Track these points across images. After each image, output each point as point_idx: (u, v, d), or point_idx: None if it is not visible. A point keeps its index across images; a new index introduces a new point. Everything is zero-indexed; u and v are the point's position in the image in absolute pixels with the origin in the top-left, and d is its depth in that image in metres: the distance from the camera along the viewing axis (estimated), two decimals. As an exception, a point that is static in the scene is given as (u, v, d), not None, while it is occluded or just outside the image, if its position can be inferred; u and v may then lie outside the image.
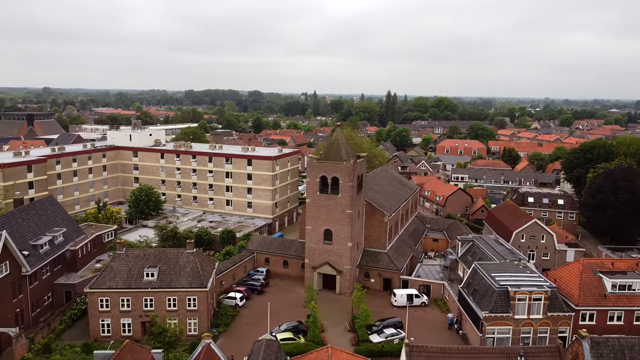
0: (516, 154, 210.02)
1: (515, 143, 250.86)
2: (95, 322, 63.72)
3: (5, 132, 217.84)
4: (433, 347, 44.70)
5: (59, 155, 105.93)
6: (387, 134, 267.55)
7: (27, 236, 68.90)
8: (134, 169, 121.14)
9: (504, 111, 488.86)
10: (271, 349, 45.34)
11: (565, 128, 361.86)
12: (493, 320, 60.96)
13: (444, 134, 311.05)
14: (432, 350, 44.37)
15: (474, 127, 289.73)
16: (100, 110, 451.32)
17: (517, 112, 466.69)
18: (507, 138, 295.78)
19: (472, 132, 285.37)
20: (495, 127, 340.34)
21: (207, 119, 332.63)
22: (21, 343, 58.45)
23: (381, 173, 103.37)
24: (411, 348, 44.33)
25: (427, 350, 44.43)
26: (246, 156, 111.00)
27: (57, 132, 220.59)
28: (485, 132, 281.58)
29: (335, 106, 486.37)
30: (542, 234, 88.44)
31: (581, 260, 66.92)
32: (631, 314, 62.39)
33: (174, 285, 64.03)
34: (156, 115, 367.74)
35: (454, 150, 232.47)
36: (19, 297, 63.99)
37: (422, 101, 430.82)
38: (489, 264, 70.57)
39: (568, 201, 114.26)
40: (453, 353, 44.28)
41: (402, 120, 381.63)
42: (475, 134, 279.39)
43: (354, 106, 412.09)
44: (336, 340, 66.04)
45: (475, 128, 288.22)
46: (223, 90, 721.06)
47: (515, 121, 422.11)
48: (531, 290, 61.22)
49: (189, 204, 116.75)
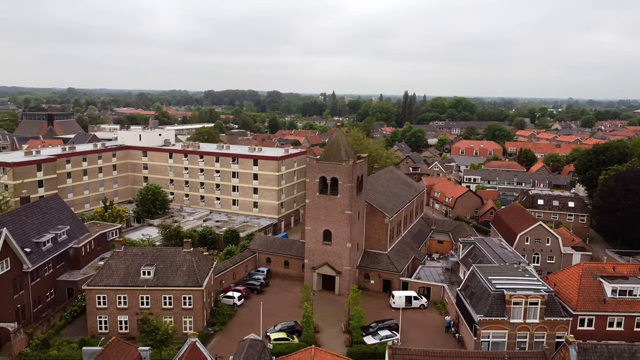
0: (532, 155, 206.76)
1: (533, 144, 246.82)
2: (93, 318, 64.81)
3: (26, 132, 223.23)
4: (416, 349, 44.36)
5: (68, 155, 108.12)
6: (402, 135, 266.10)
7: (30, 233, 70.39)
8: (144, 169, 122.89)
9: (524, 112, 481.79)
10: (254, 349, 45.52)
11: (587, 129, 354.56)
12: (488, 324, 60.13)
13: (460, 134, 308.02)
14: (415, 353, 44.03)
15: (492, 128, 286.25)
16: (121, 110, 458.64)
17: (538, 113, 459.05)
18: (526, 139, 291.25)
19: (489, 133, 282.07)
20: (514, 128, 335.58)
21: (223, 119, 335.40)
22: (19, 338, 59.73)
23: (386, 174, 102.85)
24: (394, 350, 44.07)
25: (410, 352, 44.10)
26: (252, 156, 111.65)
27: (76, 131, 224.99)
28: (502, 133, 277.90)
29: (353, 106, 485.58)
30: (547, 236, 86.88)
31: (581, 264, 65.58)
32: (631, 320, 60.83)
33: (169, 283, 64.73)
34: (174, 115, 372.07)
35: (469, 151, 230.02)
36: (20, 293, 65.41)
37: (440, 101, 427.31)
38: (487, 266, 69.62)
39: (579, 204, 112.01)
40: (436, 356, 43.88)
41: (419, 120, 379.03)
42: (492, 135, 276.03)
43: (371, 106, 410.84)
44: (331, 341, 66.13)
45: (493, 129, 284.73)
46: (242, 90, 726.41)
47: (535, 122, 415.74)
48: (527, 294, 60.21)
49: (196, 204, 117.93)
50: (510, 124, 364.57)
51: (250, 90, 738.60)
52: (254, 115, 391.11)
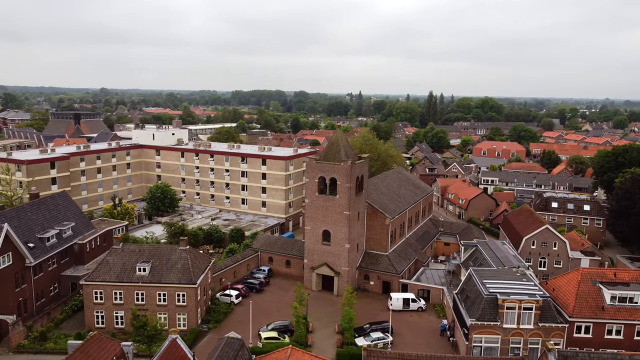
0: (556, 157, 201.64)
1: (559, 146, 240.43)
2: (90, 313, 66.33)
3: (54, 131, 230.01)
4: (392, 352, 43.84)
5: (82, 153, 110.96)
6: (424, 135, 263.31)
7: (34, 229, 72.44)
8: (157, 167, 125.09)
9: (553, 112, 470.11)
10: (230, 347, 45.76)
11: (619, 130, 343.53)
12: (479, 329, 58.96)
13: (485, 135, 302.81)
14: (390, 356, 43.50)
15: (517, 129, 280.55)
16: (149, 110, 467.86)
17: (568, 114, 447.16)
18: (553, 140, 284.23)
19: (514, 134, 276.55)
20: (541, 129, 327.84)
21: (247, 119, 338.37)
22: (18, 330, 61.62)
23: (392, 175, 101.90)
24: (369, 352, 43.63)
25: (386, 355, 43.60)
26: (261, 156, 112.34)
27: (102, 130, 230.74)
28: (528, 134, 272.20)
29: (378, 107, 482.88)
30: (554, 240, 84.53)
31: (580, 269, 63.59)
32: (631, 328, 58.67)
33: (164, 280, 65.69)
34: (199, 115, 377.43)
35: (491, 153, 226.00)
36: (22, 287, 67.39)
37: (466, 102, 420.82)
38: (484, 270, 68.27)
39: (595, 207, 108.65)
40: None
41: (444, 121, 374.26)
42: (517, 136, 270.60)
43: (395, 107, 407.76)
44: (323, 342, 66.00)
45: (518, 130, 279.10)
46: (269, 90, 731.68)
47: (565, 123, 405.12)
48: (521, 299, 58.78)
49: (206, 202, 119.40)
50: (538, 125, 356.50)
51: (277, 90, 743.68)
52: (278, 115, 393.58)
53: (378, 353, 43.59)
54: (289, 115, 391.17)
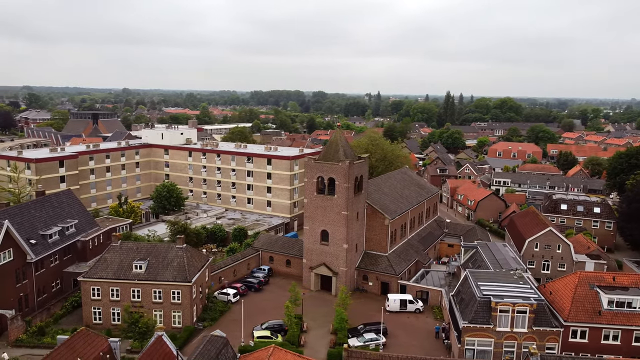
0: (573, 158, 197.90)
1: (578, 147, 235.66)
2: (88, 309, 67.41)
3: (72, 130, 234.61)
4: (372, 353, 43.54)
5: (91, 152, 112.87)
6: (439, 136, 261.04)
7: (37, 226, 73.94)
8: (165, 166, 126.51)
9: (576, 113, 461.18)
10: (213, 345, 45.99)
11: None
12: (472, 332, 58.17)
13: (502, 136, 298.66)
14: (370, 357, 43.20)
15: (535, 130, 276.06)
16: (169, 110, 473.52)
17: (591, 114, 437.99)
18: (573, 141, 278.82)
19: (532, 135, 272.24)
20: (561, 130, 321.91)
21: (263, 119, 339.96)
22: (16, 325, 62.93)
23: (396, 175, 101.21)
24: (349, 353, 43.41)
25: (366, 356, 43.33)
26: (266, 155, 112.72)
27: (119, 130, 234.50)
28: (546, 135, 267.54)
29: (395, 107, 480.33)
30: (557, 243, 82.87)
31: (578, 272, 62.24)
32: (629, 333, 57.18)
33: (159, 278, 66.36)
34: (216, 115, 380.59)
35: (506, 154, 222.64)
36: (23, 282, 68.82)
37: (484, 102, 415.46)
38: (481, 272, 67.37)
39: (605, 210, 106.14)
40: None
41: (462, 121, 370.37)
42: (535, 137, 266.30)
43: (412, 107, 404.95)
44: (316, 342, 65.95)
45: (536, 130, 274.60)
46: (288, 91, 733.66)
47: (587, 124, 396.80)
48: (514, 302, 57.81)
49: (213, 201, 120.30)
50: (558, 125, 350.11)
51: (296, 90, 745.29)
52: (294, 115, 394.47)
53: (358, 354, 43.36)
54: (306, 116, 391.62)
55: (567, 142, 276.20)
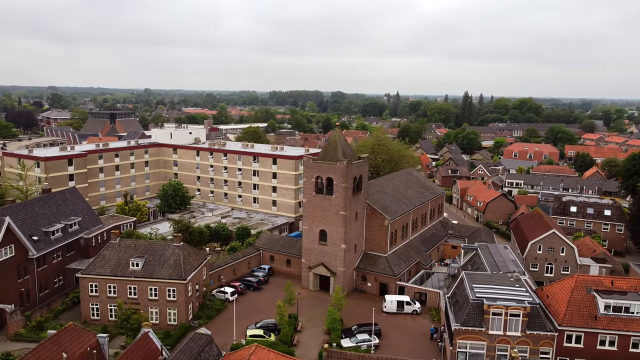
0: (590, 159, 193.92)
1: (597, 148, 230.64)
2: (86, 305, 68.51)
3: (91, 130, 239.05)
4: (352, 354, 43.29)
5: (100, 151, 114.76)
6: (455, 136, 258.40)
7: (40, 223, 75.46)
8: (174, 165, 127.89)
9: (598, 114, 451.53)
10: (196, 343, 46.31)
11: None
12: (464, 334, 57.31)
13: (520, 137, 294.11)
14: (350, 358, 42.96)
15: (554, 131, 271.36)
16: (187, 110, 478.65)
17: (614, 115, 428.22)
18: (593, 143, 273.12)
19: (551, 136, 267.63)
20: (582, 131, 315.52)
21: (279, 119, 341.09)
22: (16, 319, 64.31)
23: (400, 175, 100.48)
24: (329, 353, 43.24)
25: (346, 357, 43.10)
26: (271, 155, 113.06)
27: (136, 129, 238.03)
28: (565, 135, 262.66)
29: (413, 107, 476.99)
30: (561, 246, 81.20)
31: (575, 275, 60.89)
32: (626, 339, 55.64)
33: (155, 275, 67.09)
34: (233, 115, 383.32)
35: (522, 155, 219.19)
36: (25, 278, 70.27)
37: (503, 102, 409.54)
38: (477, 274, 66.38)
39: (616, 212, 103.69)
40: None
41: (480, 122, 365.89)
42: (554, 138, 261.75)
43: (430, 107, 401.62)
44: (309, 342, 65.91)
45: (555, 131, 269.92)
46: (307, 91, 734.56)
47: (610, 124, 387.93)
48: (507, 305, 56.77)
49: (220, 200, 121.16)
50: (580, 126, 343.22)
51: (315, 90, 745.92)
52: (311, 115, 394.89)
53: (338, 354, 43.17)
54: (322, 116, 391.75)
55: (587, 143, 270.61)
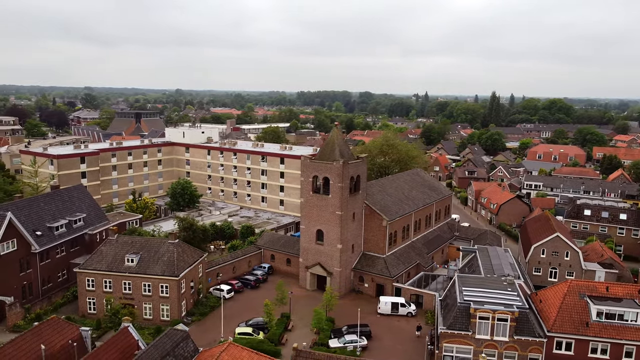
0: (617, 162, 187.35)
1: (627, 150, 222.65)
2: (83, 299, 70.21)
3: (116, 129, 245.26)
4: (320, 354, 43.03)
5: (114, 149, 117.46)
6: (479, 137, 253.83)
7: (45, 218, 77.72)
8: (186, 164, 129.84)
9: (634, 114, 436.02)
10: (170, 338, 46.75)
11: None
12: (450, 338, 56.21)
13: (547, 138, 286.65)
14: (318, 357, 42.71)
15: (582, 132, 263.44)
16: (215, 110, 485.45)
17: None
18: (625, 144, 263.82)
19: (579, 137, 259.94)
20: (613, 132, 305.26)
21: (302, 119, 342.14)
22: (15, 311, 66.43)
23: (405, 176, 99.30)
24: (297, 352, 43.10)
25: (314, 356, 42.88)
26: (279, 155, 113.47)
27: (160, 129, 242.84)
28: (595, 137, 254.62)
29: (440, 108, 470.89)
30: (566, 250, 78.69)
31: (569, 280, 58.95)
32: (619, 348, 53.56)
33: (149, 272, 68.22)
34: (258, 115, 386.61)
35: (547, 156, 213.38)
36: (27, 272, 72.48)
37: (533, 103, 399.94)
38: (470, 277, 64.99)
39: (632, 216, 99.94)
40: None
41: (508, 122, 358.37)
42: (583, 139, 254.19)
43: (456, 108, 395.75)
44: (297, 340, 65.29)
45: (584, 132, 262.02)
46: (335, 91, 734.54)
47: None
48: (495, 309, 55.38)
49: (230, 199, 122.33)
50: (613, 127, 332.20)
51: (343, 91, 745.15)
52: (336, 115, 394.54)
53: (306, 354, 42.97)
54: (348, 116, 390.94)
55: (619, 145, 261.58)
